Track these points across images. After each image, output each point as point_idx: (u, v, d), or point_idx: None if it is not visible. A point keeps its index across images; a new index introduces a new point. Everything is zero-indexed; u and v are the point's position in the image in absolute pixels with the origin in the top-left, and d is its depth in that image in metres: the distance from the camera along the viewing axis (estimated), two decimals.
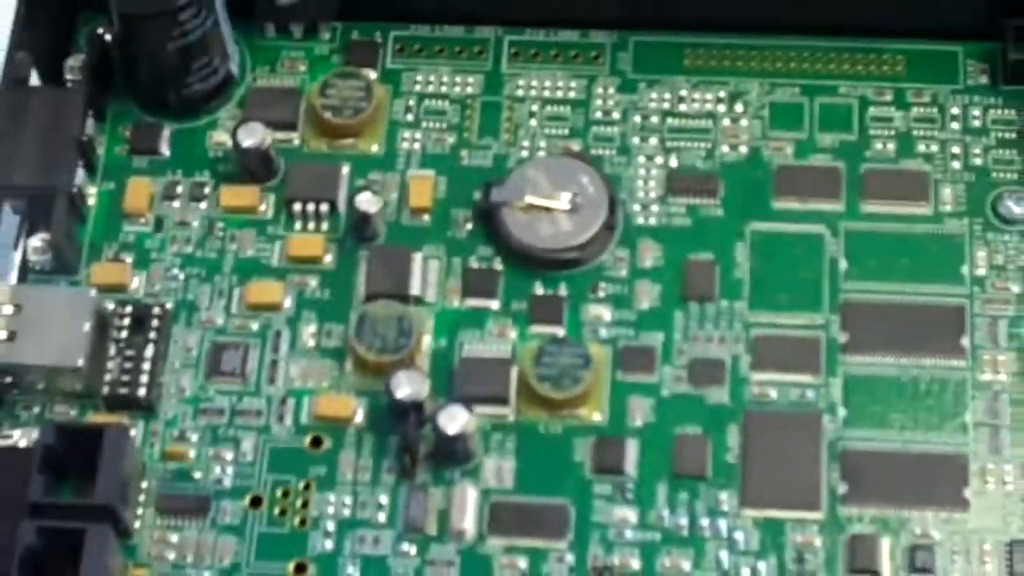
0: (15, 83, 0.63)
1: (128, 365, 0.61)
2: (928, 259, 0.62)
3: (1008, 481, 0.59)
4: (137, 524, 0.59)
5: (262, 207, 0.64)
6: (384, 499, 0.59)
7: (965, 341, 0.61)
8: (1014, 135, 0.64)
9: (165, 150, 0.65)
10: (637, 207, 0.64)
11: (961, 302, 0.61)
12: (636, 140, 0.65)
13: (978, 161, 0.64)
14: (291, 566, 0.58)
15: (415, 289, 0.62)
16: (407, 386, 0.59)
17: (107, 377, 0.61)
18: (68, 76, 0.65)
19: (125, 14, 0.63)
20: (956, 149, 0.64)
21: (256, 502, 0.59)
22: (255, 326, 0.62)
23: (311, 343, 0.62)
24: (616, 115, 0.65)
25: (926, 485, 0.58)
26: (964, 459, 0.59)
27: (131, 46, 0.64)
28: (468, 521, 0.59)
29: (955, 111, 0.65)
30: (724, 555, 0.58)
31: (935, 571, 0.57)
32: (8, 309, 0.60)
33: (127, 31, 0.63)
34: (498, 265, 0.63)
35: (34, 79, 0.65)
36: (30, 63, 0.64)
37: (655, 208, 0.64)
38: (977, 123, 0.65)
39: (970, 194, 0.63)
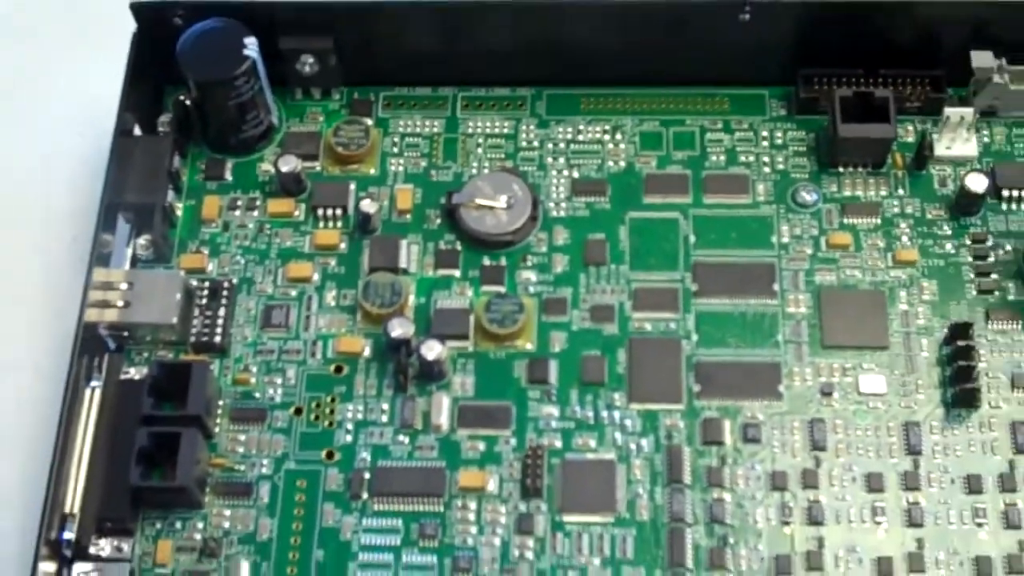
0: (124, 134, 0.61)
1: (207, 322, 0.59)
2: (749, 233, 0.61)
3: (808, 380, 0.57)
4: (217, 429, 0.57)
5: (296, 212, 0.62)
6: (385, 406, 0.58)
7: (776, 287, 0.59)
8: (804, 148, 0.62)
9: (229, 176, 0.63)
10: (552, 205, 0.62)
11: (772, 261, 0.60)
12: (550, 160, 0.63)
13: (781, 166, 0.62)
14: (323, 453, 0.57)
15: (403, 264, 0.60)
16: (399, 328, 0.57)
17: (193, 330, 0.59)
18: (160, 128, 0.62)
19: (199, 81, 0.60)
20: (766, 159, 0.62)
21: (298, 411, 0.58)
22: (293, 293, 0.60)
23: (332, 303, 0.60)
24: (536, 144, 0.63)
25: (753, 384, 0.57)
26: (778, 366, 0.58)
27: (203, 105, 0.61)
28: (443, 419, 0.57)
29: (764, 134, 0.63)
30: (618, 435, 0.57)
31: (760, 441, 0.56)
32: (124, 286, 0.58)
33: (201, 94, 0.61)
34: (458, 247, 0.61)
35: (137, 131, 0.62)
36: (134, 120, 0.62)
37: (564, 205, 0.62)
38: (779, 141, 0.62)
39: (776, 189, 0.61)
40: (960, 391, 0.56)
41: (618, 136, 0.63)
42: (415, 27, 0.63)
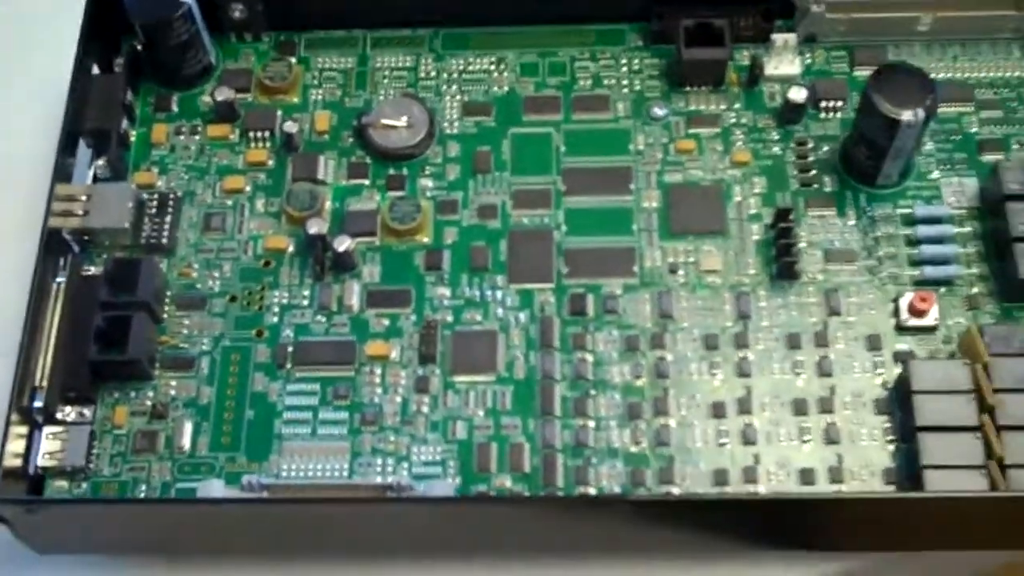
0: (85, 73, 0.61)
1: (155, 227, 0.60)
2: (611, 142, 0.61)
3: (657, 261, 0.58)
4: (165, 315, 0.58)
5: (231, 136, 0.62)
6: (306, 292, 0.58)
7: (632, 186, 0.60)
8: (657, 72, 0.63)
9: (175, 108, 0.63)
10: (446, 124, 0.62)
11: (629, 165, 0.60)
12: (444, 87, 0.63)
13: (637, 88, 0.62)
14: (254, 332, 0.57)
15: (321, 176, 0.61)
16: (315, 227, 0.58)
17: (143, 234, 0.59)
18: (116, 68, 0.63)
19: (143, 25, 0.61)
20: (625, 82, 0.62)
21: (233, 299, 0.58)
22: (229, 202, 0.60)
23: (261, 209, 0.60)
24: (433, 74, 0.63)
25: (613, 265, 0.58)
26: (633, 250, 0.58)
27: (150, 46, 0.62)
28: (354, 301, 0.58)
29: (624, 61, 0.63)
30: (499, 310, 0.57)
31: (617, 312, 0.57)
32: (85, 198, 0.58)
33: (147, 37, 0.61)
34: (367, 160, 0.61)
35: (96, 70, 0.62)
36: (92, 61, 0.62)
37: (456, 124, 0.62)
38: (636, 67, 0.63)
39: (633, 106, 0.62)
40: (782, 265, 0.57)
41: (502, 66, 0.64)
42: None
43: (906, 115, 0.55)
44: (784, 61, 0.63)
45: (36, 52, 0.66)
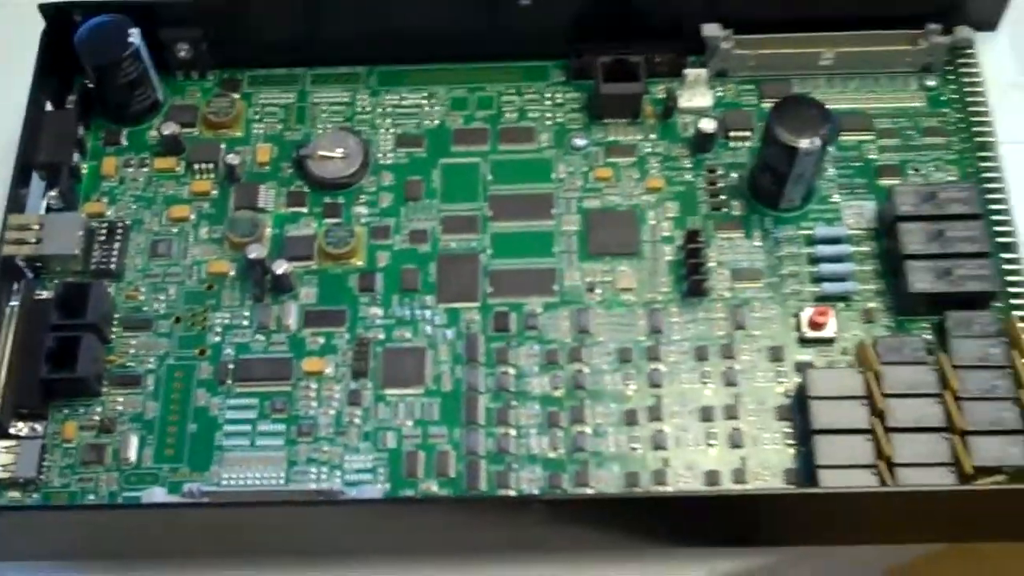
0: (37, 109, 0.64)
1: (105, 254, 0.62)
2: (535, 171, 0.64)
3: (576, 280, 0.61)
4: (113, 336, 0.60)
5: (177, 168, 0.65)
6: (247, 313, 0.61)
7: (553, 212, 0.63)
8: (578, 106, 0.66)
9: (124, 142, 0.66)
10: (380, 155, 0.65)
11: (551, 191, 0.63)
12: (378, 121, 0.66)
13: (559, 120, 0.65)
14: (197, 351, 0.60)
15: (261, 204, 0.63)
16: (255, 252, 0.61)
17: (93, 260, 0.62)
18: (68, 105, 0.65)
19: (93, 65, 0.63)
20: (548, 114, 0.65)
21: (178, 320, 0.61)
22: (175, 230, 0.63)
23: (205, 236, 0.63)
24: (368, 109, 0.66)
25: (534, 284, 0.61)
26: (554, 271, 0.61)
27: (100, 84, 0.64)
28: (292, 320, 0.61)
29: (547, 95, 0.66)
30: (428, 328, 0.60)
31: (538, 328, 0.60)
32: (38, 227, 0.61)
33: (97, 75, 0.64)
34: (306, 189, 0.64)
35: (49, 107, 0.65)
36: (46, 98, 0.64)
37: (390, 155, 0.65)
38: (559, 101, 0.66)
39: (555, 137, 0.65)
40: (692, 283, 0.61)
41: (433, 101, 0.67)
42: (270, 18, 0.66)
43: (803, 143, 0.59)
44: (696, 94, 0.66)
45: None
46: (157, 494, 0.55)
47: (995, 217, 0.61)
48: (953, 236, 0.60)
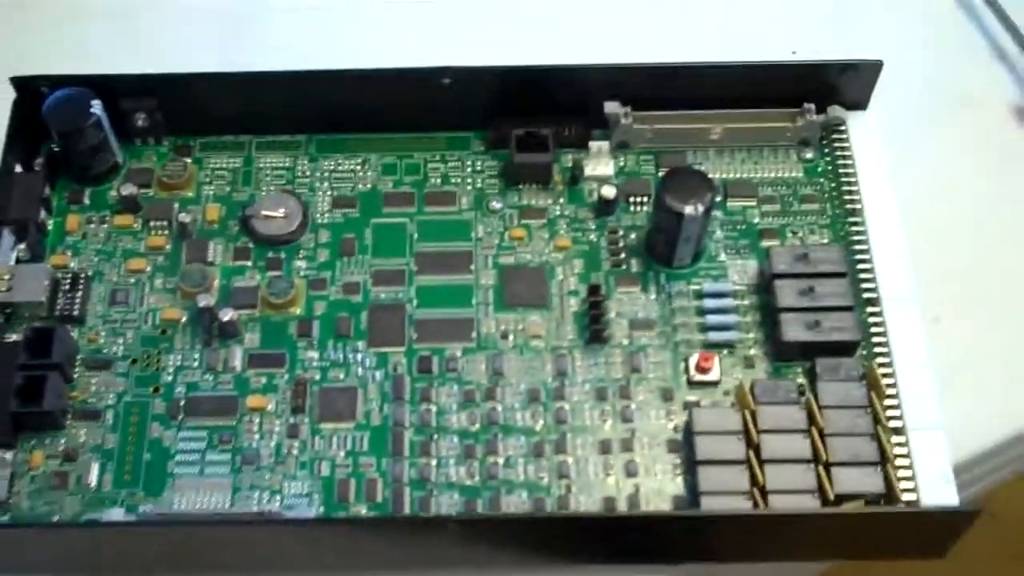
0: (7, 172, 0.69)
1: (68, 301, 0.67)
2: (456, 231, 0.69)
3: (491, 328, 0.66)
4: (76, 375, 0.65)
5: (135, 224, 0.69)
6: (196, 356, 0.66)
7: (472, 267, 0.68)
8: (495, 172, 0.71)
9: (87, 201, 0.70)
10: (318, 215, 0.70)
11: (470, 249, 0.69)
12: (317, 184, 0.71)
13: (479, 185, 0.70)
14: (151, 389, 0.65)
15: (211, 258, 0.68)
16: (204, 300, 0.65)
17: (57, 307, 0.66)
18: (36, 168, 0.69)
19: (59, 131, 0.68)
20: (468, 180, 0.71)
21: (134, 361, 0.65)
22: (132, 280, 0.68)
23: (160, 286, 0.67)
24: (308, 173, 0.71)
25: (454, 332, 0.66)
26: (472, 320, 0.67)
27: (65, 149, 0.69)
28: (238, 362, 0.65)
29: (468, 163, 0.71)
30: (359, 370, 0.65)
31: (458, 370, 0.65)
32: (8, 276, 0.66)
33: (62, 141, 0.69)
34: (250, 245, 0.69)
35: (18, 169, 0.69)
36: (15, 162, 0.69)
37: (327, 215, 0.70)
38: (479, 167, 0.71)
39: (475, 200, 0.70)
40: (593, 331, 0.67)
41: (366, 167, 0.72)
42: (218, 93, 0.72)
43: (688, 209, 0.66)
44: (600, 164, 0.72)
45: None
46: (116, 514, 0.61)
47: (860, 275, 0.68)
48: (822, 292, 0.66)
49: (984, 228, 0.74)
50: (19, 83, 0.70)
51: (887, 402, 0.64)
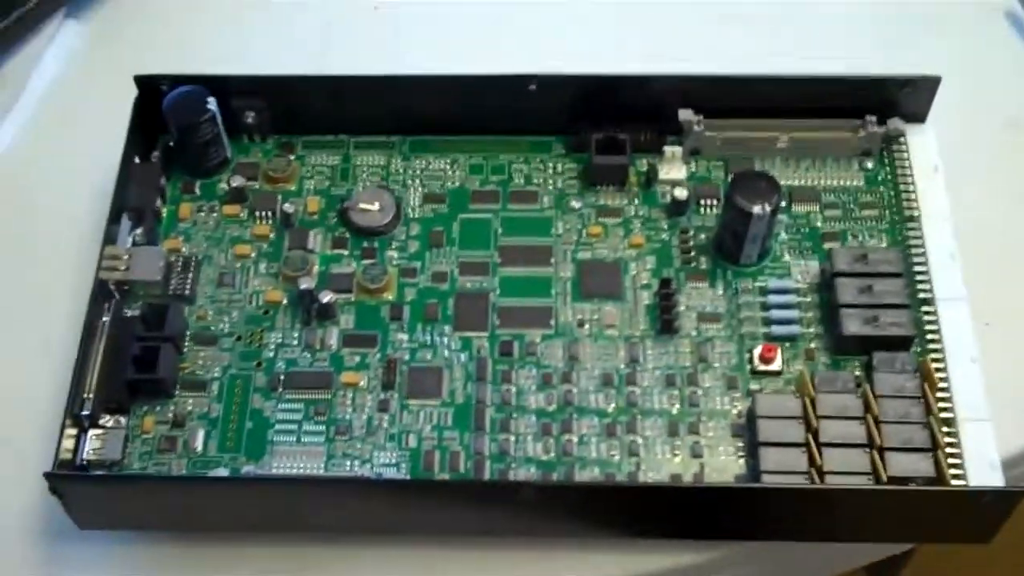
0: (128, 163, 0.72)
1: (180, 282, 0.70)
2: (537, 227, 0.72)
3: (569, 317, 0.69)
4: (185, 349, 0.69)
5: (242, 214, 0.73)
6: (296, 334, 0.69)
7: (552, 261, 0.71)
8: (575, 174, 0.74)
9: (198, 192, 0.74)
10: (410, 209, 0.73)
11: (551, 244, 0.72)
12: (409, 181, 0.74)
13: (559, 185, 0.74)
14: (254, 363, 0.68)
15: (310, 246, 0.71)
16: (305, 283, 0.69)
17: (171, 286, 0.70)
18: (153, 159, 0.73)
19: (177, 126, 0.72)
20: (550, 181, 0.74)
21: (239, 338, 0.69)
22: (239, 265, 0.71)
23: (263, 270, 0.71)
24: (401, 171, 0.74)
25: (534, 319, 0.69)
26: (551, 308, 0.70)
27: (181, 143, 0.73)
28: (334, 341, 0.69)
29: (549, 165, 0.74)
30: (446, 352, 0.68)
31: (536, 355, 0.68)
32: (126, 257, 0.69)
33: (179, 135, 0.73)
34: (347, 235, 0.72)
35: (137, 160, 0.72)
36: (134, 155, 0.73)
37: (418, 210, 0.73)
38: (560, 169, 0.74)
39: (556, 200, 0.73)
40: (664, 322, 0.70)
41: (455, 167, 0.75)
42: (321, 94, 0.76)
43: (756, 208, 0.70)
44: (673, 168, 0.74)
45: (94, 142, 0.76)
46: (221, 472, 0.66)
47: (916, 277, 0.71)
48: (880, 290, 0.69)
49: None
50: (142, 81, 0.74)
51: (939, 394, 0.67)
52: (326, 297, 0.69)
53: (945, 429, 0.66)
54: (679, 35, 0.85)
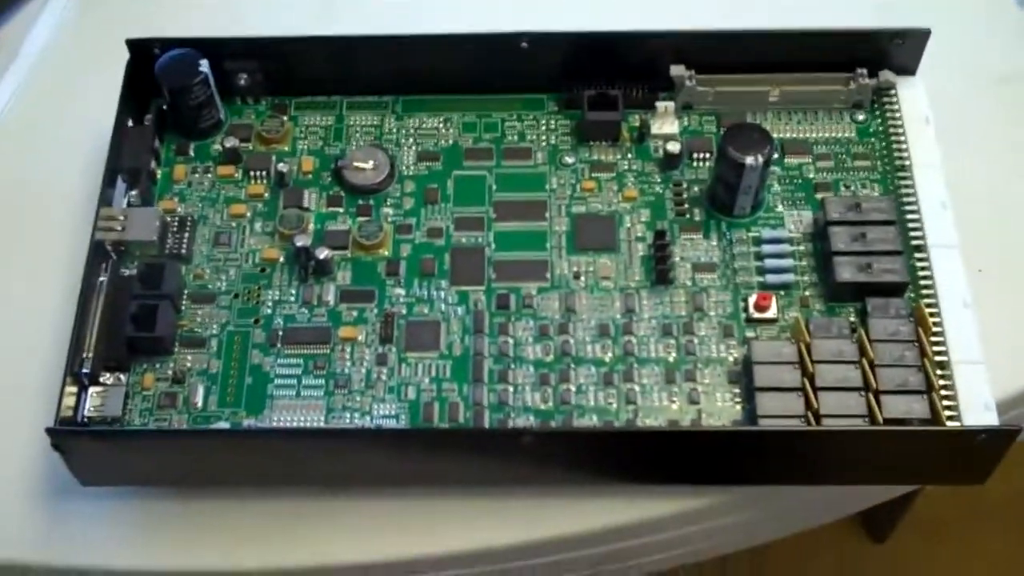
0: (121, 125, 0.72)
1: (176, 241, 0.71)
2: (531, 183, 0.73)
3: (564, 269, 0.70)
4: (183, 307, 0.69)
5: (236, 174, 0.73)
6: (293, 291, 0.69)
7: (547, 215, 0.72)
8: (568, 131, 0.74)
9: (192, 153, 0.74)
10: (405, 168, 0.73)
11: (545, 199, 0.72)
12: (403, 140, 0.74)
13: (552, 141, 0.74)
14: (252, 320, 0.68)
15: (306, 204, 0.72)
16: (301, 240, 0.69)
17: (167, 246, 0.70)
18: (146, 122, 0.73)
19: (170, 88, 0.73)
20: (543, 137, 0.74)
21: (236, 296, 0.69)
22: (234, 224, 0.71)
23: (259, 229, 0.71)
24: (394, 130, 0.74)
25: (530, 272, 0.70)
26: (546, 261, 0.70)
27: (174, 105, 0.73)
28: (331, 297, 0.69)
29: (543, 121, 0.75)
30: (442, 306, 0.69)
31: (533, 307, 0.69)
32: (122, 218, 0.69)
33: (171, 97, 0.73)
34: (342, 194, 0.72)
35: (131, 123, 0.72)
36: (128, 116, 0.73)
37: (412, 168, 0.73)
38: (553, 126, 0.74)
39: (549, 156, 0.74)
40: (659, 272, 0.70)
41: (448, 125, 0.75)
42: (313, 55, 0.76)
43: (749, 159, 0.70)
44: (666, 123, 0.75)
45: (88, 106, 0.77)
46: (222, 425, 0.66)
47: (908, 224, 0.72)
48: (873, 238, 0.70)
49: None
50: (134, 45, 0.75)
51: (933, 338, 0.68)
52: (323, 253, 0.70)
53: (939, 372, 0.66)
54: None
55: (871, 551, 1.28)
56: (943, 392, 0.66)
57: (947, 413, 0.65)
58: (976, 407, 0.65)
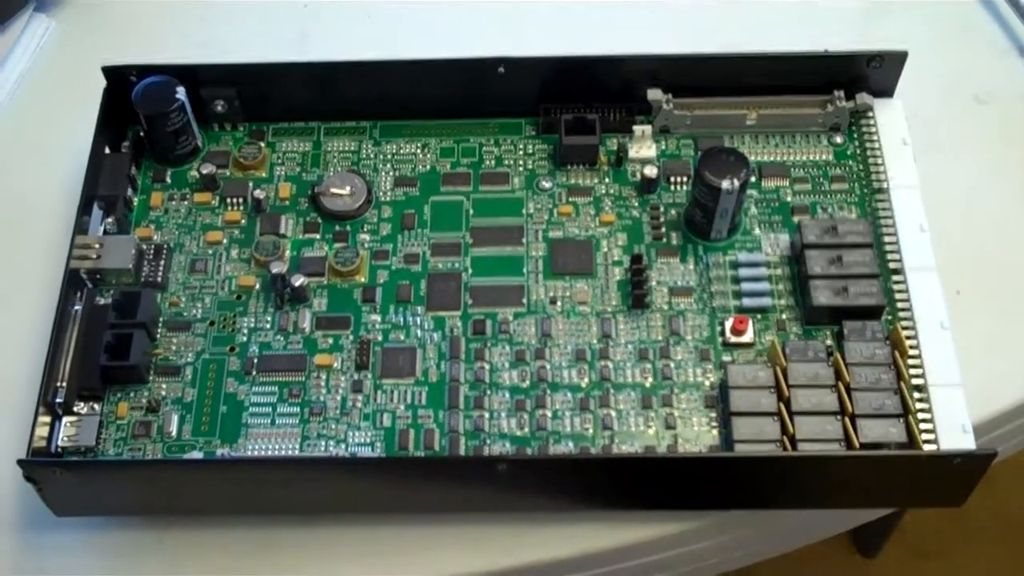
0: (97, 153, 0.72)
1: (152, 269, 0.70)
2: (509, 207, 0.72)
3: (541, 294, 0.69)
4: (159, 335, 0.68)
5: (213, 201, 0.73)
6: (269, 318, 0.69)
7: (523, 240, 0.71)
8: (545, 155, 0.74)
9: (169, 180, 0.74)
10: (381, 193, 0.73)
11: (522, 224, 0.72)
12: (380, 165, 0.74)
13: (530, 166, 0.74)
14: (228, 348, 0.68)
15: (282, 231, 0.72)
16: (276, 267, 0.69)
17: (143, 274, 0.70)
18: (123, 149, 0.73)
19: (146, 115, 0.72)
20: (520, 162, 0.74)
21: (212, 323, 0.69)
22: (211, 251, 0.71)
23: (235, 256, 0.71)
24: (372, 155, 0.74)
25: (506, 297, 0.69)
26: (523, 286, 0.70)
27: (151, 132, 0.73)
28: (307, 324, 0.69)
29: (520, 146, 0.74)
30: (419, 332, 0.68)
31: (509, 333, 0.68)
32: (98, 246, 0.69)
33: (148, 124, 0.72)
34: (319, 220, 0.72)
35: (107, 150, 0.72)
36: (104, 143, 0.72)
37: (389, 193, 0.73)
38: (530, 150, 0.74)
39: (526, 180, 0.73)
40: (635, 297, 0.70)
41: (426, 150, 0.75)
42: (291, 81, 0.76)
43: (725, 183, 0.70)
44: (643, 147, 0.75)
45: (63, 134, 0.77)
46: (195, 455, 0.65)
47: (886, 247, 0.71)
48: (849, 261, 0.69)
49: (1002, 210, 0.77)
50: (110, 71, 0.74)
51: (910, 361, 0.67)
52: (298, 280, 0.69)
53: (916, 395, 0.66)
54: (649, 14, 0.86)
55: (861, 565, 1.27)
56: (920, 415, 0.65)
57: (924, 436, 0.64)
58: (953, 430, 0.65)
